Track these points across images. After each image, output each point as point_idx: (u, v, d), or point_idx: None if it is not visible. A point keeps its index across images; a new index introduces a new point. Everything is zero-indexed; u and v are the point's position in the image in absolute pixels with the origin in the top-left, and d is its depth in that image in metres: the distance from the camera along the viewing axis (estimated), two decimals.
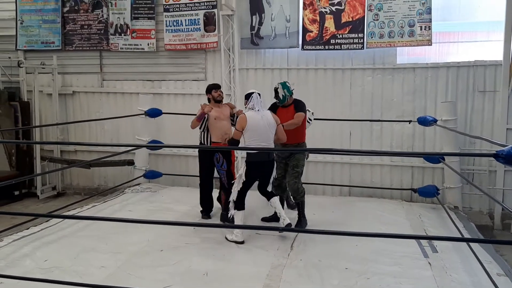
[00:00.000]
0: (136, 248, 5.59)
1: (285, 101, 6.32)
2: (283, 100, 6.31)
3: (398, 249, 5.54)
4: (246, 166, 5.86)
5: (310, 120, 6.99)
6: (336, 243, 5.67)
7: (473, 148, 8.21)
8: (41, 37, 10.24)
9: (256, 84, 9.09)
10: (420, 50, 8.44)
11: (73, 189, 10.46)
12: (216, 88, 6.79)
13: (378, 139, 8.66)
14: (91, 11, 9.92)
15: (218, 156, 6.49)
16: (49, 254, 5.40)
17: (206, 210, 6.99)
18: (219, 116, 6.58)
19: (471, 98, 8.25)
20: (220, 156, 6.47)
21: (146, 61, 9.80)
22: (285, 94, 6.29)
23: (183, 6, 9.24)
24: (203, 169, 6.98)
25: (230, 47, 9.12)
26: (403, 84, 8.51)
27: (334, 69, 8.80)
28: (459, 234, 6.05)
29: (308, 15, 8.61)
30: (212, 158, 6.64)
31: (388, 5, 8.25)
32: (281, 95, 6.31)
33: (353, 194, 8.82)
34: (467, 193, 8.20)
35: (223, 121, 6.61)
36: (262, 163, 5.88)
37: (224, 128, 6.58)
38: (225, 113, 6.69)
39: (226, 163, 6.47)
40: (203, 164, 6.94)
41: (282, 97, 6.30)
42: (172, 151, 9.61)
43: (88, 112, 10.22)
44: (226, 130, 6.57)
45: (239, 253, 5.50)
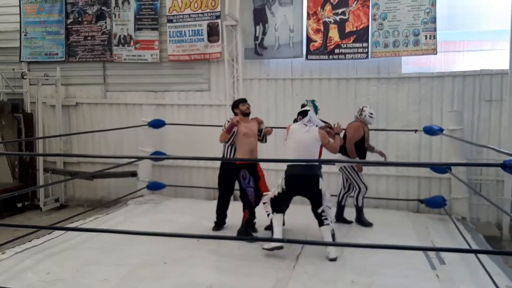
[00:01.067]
0: (139, 261, 5.52)
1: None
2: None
3: (405, 261, 5.45)
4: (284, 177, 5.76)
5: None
6: (342, 254, 5.61)
7: (480, 158, 8.13)
8: (44, 48, 10.26)
9: (260, 95, 9.09)
10: (425, 59, 8.41)
11: (76, 201, 10.40)
12: (244, 102, 6.67)
13: (383, 149, 8.54)
14: (95, 22, 9.94)
15: (244, 173, 6.27)
16: (51, 267, 5.34)
17: (219, 222, 6.88)
18: (247, 133, 6.38)
19: (478, 107, 8.18)
20: (246, 173, 6.25)
21: (150, 72, 9.79)
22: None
23: (187, 17, 9.24)
24: (224, 183, 6.81)
25: (234, 57, 9.09)
26: (408, 93, 8.45)
27: (338, 79, 8.76)
28: (467, 246, 5.97)
29: (312, 25, 8.59)
30: (234, 173, 6.44)
31: (393, 15, 8.22)
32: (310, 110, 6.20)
33: None
34: (474, 204, 8.11)
35: (250, 138, 6.40)
36: (298, 177, 5.65)
37: (252, 145, 6.39)
38: (253, 129, 6.48)
39: (253, 180, 6.26)
40: (224, 179, 6.78)
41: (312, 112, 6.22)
42: (175, 162, 9.55)
43: (91, 123, 10.19)
44: (253, 147, 6.41)
45: (244, 265, 5.41)
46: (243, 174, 6.28)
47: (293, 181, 5.67)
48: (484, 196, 6.36)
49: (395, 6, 8.20)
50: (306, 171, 5.62)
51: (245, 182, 6.30)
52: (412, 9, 8.11)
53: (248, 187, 6.28)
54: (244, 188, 6.35)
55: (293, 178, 5.66)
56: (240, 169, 6.31)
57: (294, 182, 5.68)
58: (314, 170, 5.67)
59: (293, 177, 5.66)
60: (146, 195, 8.93)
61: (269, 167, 8.91)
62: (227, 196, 6.90)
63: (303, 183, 5.68)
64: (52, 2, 10.09)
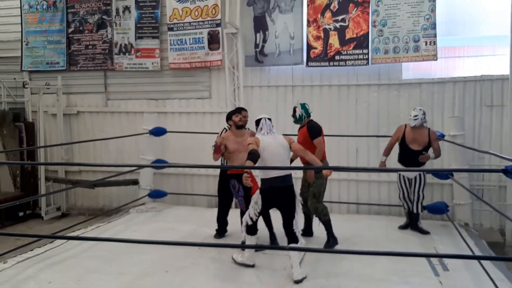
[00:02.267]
0: (141, 269, 5.50)
1: (301, 121, 6.42)
2: (299, 120, 6.42)
3: (408, 267, 5.43)
4: (260, 194, 5.38)
5: None
6: (344, 261, 5.59)
7: (482, 164, 8.11)
8: (46, 57, 10.29)
9: (261, 102, 9.10)
10: (425, 65, 8.42)
11: (78, 209, 10.39)
12: (237, 112, 6.40)
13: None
14: (96, 31, 9.97)
15: (234, 183, 6.15)
16: (53, 276, 5.33)
17: (220, 230, 6.90)
18: (237, 149, 6.09)
19: (479, 112, 8.17)
20: (235, 182, 6.09)
21: (151, 80, 9.80)
22: (302, 114, 6.38)
23: (187, 25, 9.26)
24: (222, 191, 6.83)
25: (235, 65, 9.11)
26: (409, 99, 8.44)
27: (339, 85, 8.76)
28: (470, 252, 5.92)
29: (312, 32, 8.60)
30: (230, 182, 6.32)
31: (392, 21, 8.24)
32: (298, 114, 6.40)
33: (360, 212, 8.69)
34: (477, 210, 8.08)
35: (241, 153, 5.94)
36: (279, 189, 5.30)
37: (242, 161, 5.78)
38: (244, 144, 5.87)
39: (242, 189, 6.00)
40: (223, 186, 6.77)
41: (299, 117, 6.40)
42: (177, 170, 9.54)
43: (92, 131, 10.20)
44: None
45: (245, 273, 5.39)
46: (233, 184, 6.16)
47: (273, 194, 5.34)
48: (486, 202, 6.32)
49: (395, 12, 8.22)
50: (286, 183, 5.34)
51: (235, 192, 6.23)
52: (412, 15, 8.13)
53: (238, 197, 6.23)
54: (235, 197, 6.37)
55: (274, 191, 5.32)
56: (230, 179, 6.21)
57: (273, 195, 5.33)
58: (291, 181, 5.43)
59: (274, 190, 5.31)
60: (147, 203, 8.92)
61: None
62: (227, 204, 6.92)
63: (283, 195, 5.36)
64: (53, 12, 10.14)
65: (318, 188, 6.33)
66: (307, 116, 6.39)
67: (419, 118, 6.85)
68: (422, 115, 6.86)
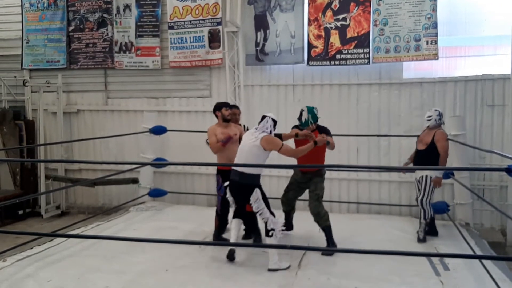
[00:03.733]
0: (141, 268, 5.49)
1: (306, 126, 6.10)
2: (305, 125, 6.11)
3: (409, 267, 5.41)
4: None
5: None
6: (345, 261, 5.58)
7: (483, 163, 8.09)
8: (46, 56, 10.27)
9: (261, 101, 9.09)
10: (426, 64, 8.40)
11: (77, 208, 10.38)
12: (229, 106, 6.46)
13: (386, 155, 8.55)
14: (96, 29, 9.96)
15: (218, 179, 6.22)
16: (52, 275, 5.31)
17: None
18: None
19: (480, 112, 8.16)
20: (220, 179, 6.17)
21: (151, 79, 9.79)
22: (308, 120, 6.09)
23: (188, 23, 9.25)
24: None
25: (235, 63, 9.09)
26: (410, 99, 8.43)
27: (340, 84, 8.74)
28: (471, 252, 5.91)
29: (313, 31, 8.59)
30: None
31: (394, 20, 8.22)
32: (304, 118, 6.11)
33: (361, 211, 8.68)
34: (478, 209, 8.07)
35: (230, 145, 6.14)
36: (233, 183, 5.66)
37: (231, 155, 5.97)
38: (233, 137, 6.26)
39: (223, 188, 5.94)
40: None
41: (304, 121, 6.11)
42: (177, 168, 9.53)
43: (92, 130, 10.18)
44: (232, 155, 5.89)
45: (246, 272, 5.37)
46: (217, 179, 6.24)
47: (231, 187, 5.73)
48: (488, 202, 6.31)
49: (396, 11, 8.20)
50: (237, 179, 5.55)
51: (216, 188, 6.30)
52: (413, 14, 8.11)
53: (218, 194, 6.25)
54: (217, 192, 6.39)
55: (230, 184, 5.71)
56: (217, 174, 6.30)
57: (231, 188, 5.73)
58: (245, 179, 5.50)
59: (230, 183, 5.71)
60: (147, 202, 8.89)
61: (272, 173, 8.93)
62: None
63: (236, 190, 5.68)
64: (54, 10, 10.12)
65: (322, 191, 6.19)
66: (313, 122, 6.12)
67: (433, 119, 6.75)
68: (436, 116, 6.74)
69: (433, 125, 6.76)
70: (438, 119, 6.76)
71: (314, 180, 6.20)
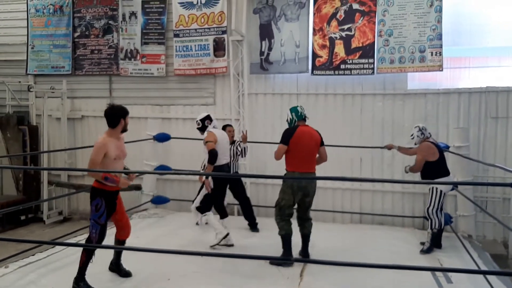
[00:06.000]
0: (143, 276, 5.49)
1: (292, 125, 6.12)
2: (290, 124, 6.14)
3: (411, 279, 5.40)
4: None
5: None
6: (347, 272, 5.54)
7: (486, 175, 8.08)
8: (51, 61, 10.32)
9: (265, 109, 9.11)
10: (431, 75, 8.41)
11: (80, 214, 10.38)
12: (126, 114, 5.51)
13: (389, 166, 8.54)
14: (102, 36, 10.01)
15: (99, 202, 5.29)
16: (55, 281, 5.31)
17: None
18: (118, 155, 5.39)
19: (484, 124, 8.15)
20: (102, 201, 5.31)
21: (155, 86, 9.81)
22: (292, 118, 6.11)
23: (193, 31, 9.28)
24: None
25: (240, 72, 9.12)
26: (414, 109, 8.43)
27: (344, 94, 8.75)
28: (474, 264, 5.88)
29: (318, 41, 8.61)
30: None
31: (399, 31, 8.24)
32: (288, 118, 6.17)
33: (364, 222, 8.66)
34: (480, 221, 8.06)
35: (121, 160, 5.47)
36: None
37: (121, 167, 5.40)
38: (124, 151, 5.56)
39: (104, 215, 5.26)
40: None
41: (290, 121, 6.14)
42: (180, 176, 9.54)
43: (96, 136, 10.04)
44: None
45: (248, 282, 5.36)
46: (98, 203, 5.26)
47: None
48: (490, 214, 6.30)
49: (401, 22, 8.22)
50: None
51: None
52: (418, 25, 8.12)
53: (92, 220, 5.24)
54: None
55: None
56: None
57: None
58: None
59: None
60: (150, 209, 8.90)
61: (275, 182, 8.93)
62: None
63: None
64: (60, 16, 10.18)
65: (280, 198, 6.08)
66: (298, 119, 6.07)
67: (415, 136, 6.85)
68: (417, 132, 6.81)
69: (418, 141, 6.84)
70: (420, 135, 6.82)
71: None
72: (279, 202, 6.06)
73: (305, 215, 6.14)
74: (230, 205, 9.13)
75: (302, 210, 6.13)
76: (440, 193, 6.66)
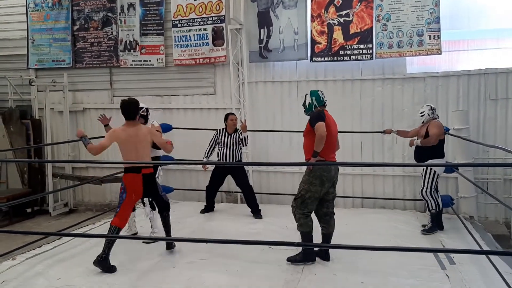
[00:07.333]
0: (149, 265, 5.57)
1: (311, 111, 5.56)
2: (308, 109, 5.59)
3: (415, 261, 5.47)
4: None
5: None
6: (351, 256, 5.61)
7: (487, 157, 8.12)
8: (51, 55, 10.35)
9: (265, 97, 9.14)
10: (429, 59, 8.41)
11: (85, 205, 10.48)
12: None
13: (389, 150, 8.58)
14: (101, 28, 10.02)
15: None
16: (62, 272, 5.39)
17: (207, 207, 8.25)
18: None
19: (483, 106, 8.16)
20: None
21: (156, 77, 9.85)
22: (312, 103, 5.57)
23: (191, 21, 9.29)
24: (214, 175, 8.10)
25: (239, 60, 9.13)
26: (413, 93, 8.45)
27: (343, 80, 8.77)
28: (476, 245, 5.94)
29: (316, 27, 8.61)
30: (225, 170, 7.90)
31: (396, 15, 8.23)
32: (307, 102, 5.61)
33: (365, 206, 8.73)
34: (482, 203, 8.10)
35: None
36: None
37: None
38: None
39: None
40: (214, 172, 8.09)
41: (308, 106, 5.60)
42: (182, 165, 9.59)
43: (98, 128, 10.20)
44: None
45: (252, 268, 5.43)
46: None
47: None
48: (491, 195, 6.32)
49: (398, 7, 8.21)
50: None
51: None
52: (416, 9, 8.12)
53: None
54: None
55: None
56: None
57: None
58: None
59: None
60: None
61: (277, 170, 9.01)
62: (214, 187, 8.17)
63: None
64: (59, 9, 10.20)
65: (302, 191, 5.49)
66: (318, 105, 5.53)
67: (426, 114, 6.85)
68: (429, 111, 6.84)
69: (427, 119, 6.86)
70: (431, 114, 6.85)
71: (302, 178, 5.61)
72: (302, 194, 5.43)
73: (329, 209, 5.62)
74: (233, 193, 9.25)
75: (327, 204, 5.60)
76: (434, 174, 6.74)
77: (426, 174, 6.78)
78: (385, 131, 7.66)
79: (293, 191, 8.93)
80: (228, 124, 7.92)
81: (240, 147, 7.89)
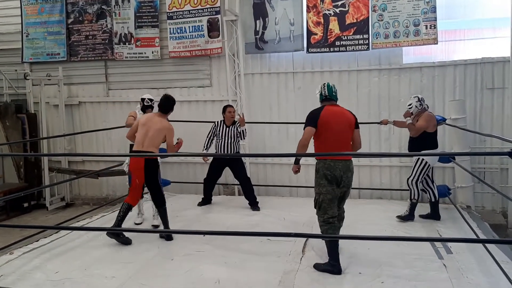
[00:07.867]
0: (147, 257, 5.56)
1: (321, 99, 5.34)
2: (320, 99, 5.35)
3: (412, 251, 5.47)
4: None
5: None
6: (348, 247, 5.61)
7: (483, 147, 8.13)
8: (46, 49, 10.28)
9: (262, 89, 9.11)
10: (426, 49, 8.40)
11: (82, 199, 10.46)
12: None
13: (386, 141, 8.59)
14: (95, 21, 9.96)
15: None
16: (59, 266, 5.37)
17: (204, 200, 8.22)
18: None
19: (480, 95, 8.16)
20: None
21: (151, 69, 9.81)
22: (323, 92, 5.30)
23: (187, 13, 9.24)
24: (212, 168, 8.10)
25: (235, 52, 9.09)
26: (410, 84, 8.44)
27: (340, 71, 8.75)
28: (473, 234, 5.94)
29: (312, 18, 8.58)
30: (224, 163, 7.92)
31: (392, 5, 8.20)
32: (319, 91, 5.35)
33: (362, 197, 8.74)
34: (479, 192, 8.12)
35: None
36: None
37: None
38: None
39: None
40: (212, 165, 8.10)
41: (319, 95, 5.34)
42: (179, 158, 9.58)
43: (94, 121, 10.22)
44: None
45: (251, 260, 5.44)
46: None
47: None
48: (488, 184, 6.34)
49: None
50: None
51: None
52: None
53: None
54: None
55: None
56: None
57: None
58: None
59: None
60: None
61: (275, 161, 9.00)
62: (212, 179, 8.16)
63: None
64: (53, 3, 10.12)
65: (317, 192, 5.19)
66: (328, 94, 5.27)
67: (413, 106, 6.85)
68: (416, 103, 6.81)
69: (416, 111, 6.86)
70: (418, 105, 6.83)
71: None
72: (316, 199, 5.14)
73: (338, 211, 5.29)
74: (230, 186, 9.24)
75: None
76: (425, 165, 6.76)
77: (416, 164, 6.82)
78: (381, 121, 7.67)
79: (290, 183, 9.01)
80: (226, 117, 7.88)
81: (238, 139, 7.88)
